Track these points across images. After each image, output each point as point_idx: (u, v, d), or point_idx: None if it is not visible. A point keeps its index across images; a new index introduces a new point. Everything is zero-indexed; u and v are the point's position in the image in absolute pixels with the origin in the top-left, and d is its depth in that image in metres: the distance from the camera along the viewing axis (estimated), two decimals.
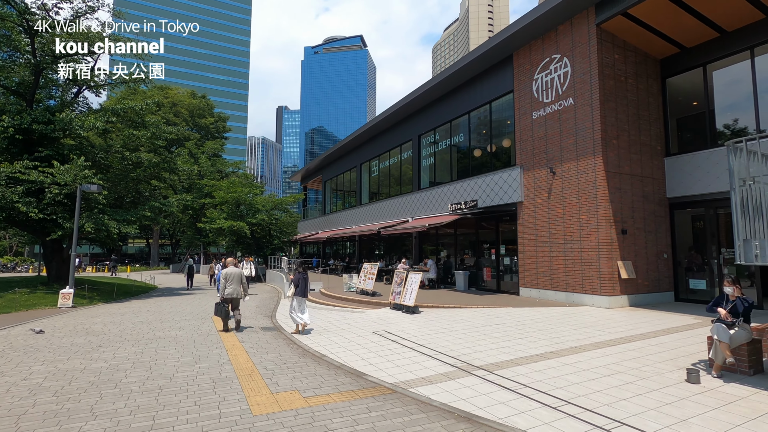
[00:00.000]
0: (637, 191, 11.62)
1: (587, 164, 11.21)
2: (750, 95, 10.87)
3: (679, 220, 12.52)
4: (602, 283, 10.66)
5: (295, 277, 8.80)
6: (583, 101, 11.42)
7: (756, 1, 10.01)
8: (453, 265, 17.18)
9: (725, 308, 5.43)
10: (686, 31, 11.43)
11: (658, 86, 12.73)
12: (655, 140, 12.38)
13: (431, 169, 18.99)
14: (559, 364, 5.87)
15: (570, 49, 11.92)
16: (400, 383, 5.26)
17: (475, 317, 9.74)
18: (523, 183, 13.23)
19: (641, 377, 5.27)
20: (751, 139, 4.85)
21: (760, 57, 10.85)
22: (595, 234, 10.92)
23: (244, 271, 16.54)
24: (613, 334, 7.74)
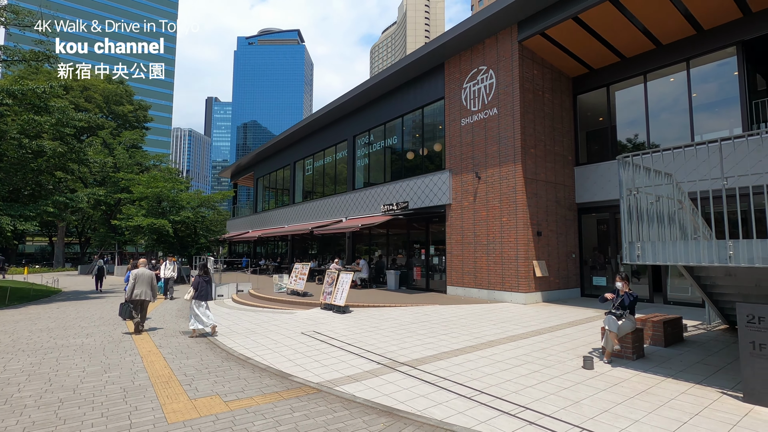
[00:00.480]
0: (551, 197, 12.73)
1: (509, 170, 12.06)
2: (644, 114, 12.41)
3: (586, 223, 13.92)
4: (519, 281, 11.53)
5: (195, 281, 8.46)
6: (506, 112, 12.26)
7: (648, 33, 11.45)
8: (385, 264, 17.52)
9: (615, 302, 6.18)
10: (593, 54, 12.75)
11: (571, 102, 14.05)
12: (567, 151, 13.65)
13: (366, 170, 19.20)
14: (477, 357, 6.28)
15: (495, 62, 12.73)
16: (325, 382, 5.31)
17: (404, 315, 10.06)
18: (452, 186, 13.88)
19: (546, 366, 5.82)
20: (636, 155, 5.59)
21: (651, 82, 12.43)
22: (514, 235, 11.78)
23: (167, 272, 15.64)
24: (527, 328, 8.43)
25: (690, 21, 10.82)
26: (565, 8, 10.91)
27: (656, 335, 6.86)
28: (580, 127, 14.24)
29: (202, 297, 8.40)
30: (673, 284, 11.77)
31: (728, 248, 4.58)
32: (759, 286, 6.36)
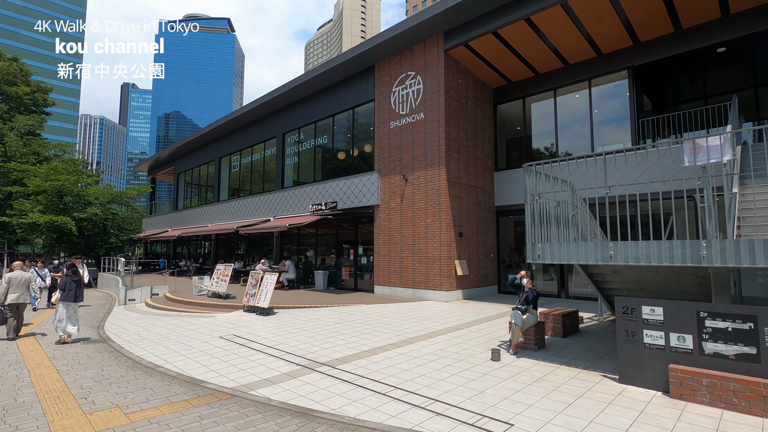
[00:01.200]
0: (473, 200, 13.48)
1: (434, 174, 12.56)
2: (554, 126, 13.61)
3: (504, 224, 14.94)
4: (442, 280, 12.07)
5: (62, 281, 8.01)
6: (432, 117, 12.76)
7: (557, 53, 12.58)
8: (313, 265, 17.35)
9: (521, 298, 6.74)
10: (512, 68, 13.72)
11: (491, 111, 14.98)
12: (488, 156, 14.54)
13: (295, 168, 18.85)
14: (396, 355, 6.49)
15: (423, 69, 13.19)
16: (240, 387, 5.16)
17: (329, 315, 10.06)
18: (380, 187, 14.13)
19: (459, 359, 6.18)
20: (539, 164, 6.15)
21: (560, 97, 13.67)
22: (438, 236, 12.30)
23: (42, 275, 13.72)
24: (446, 324, 8.86)
25: (591, 45, 12.08)
26: (486, 23, 11.64)
27: (556, 327, 7.58)
28: (500, 135, 15.24)
29: (69, 298, 7.90)
30: (577, 281, 13.05)
31: (609, 249, 5.21)
32: (638, 281, 7.29)
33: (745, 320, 4.24)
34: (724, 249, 4.42)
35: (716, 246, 4.45)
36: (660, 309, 4.76)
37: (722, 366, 4.33)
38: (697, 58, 12.08)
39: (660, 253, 4.87)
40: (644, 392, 4.74)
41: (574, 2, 10.36)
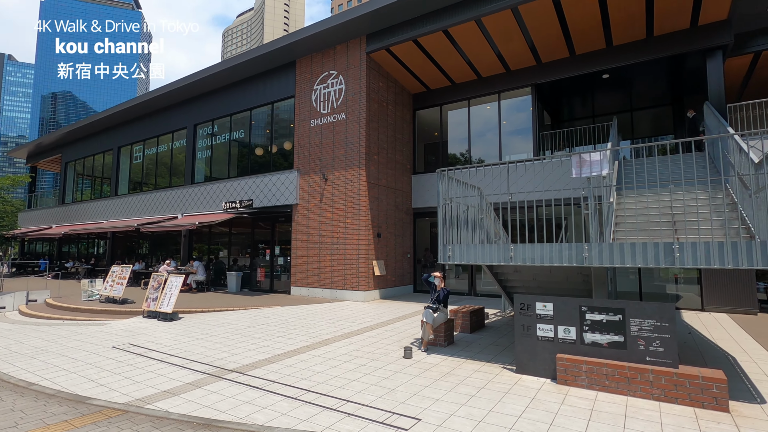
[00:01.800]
0: (391, 201, 13.80)
1: (353, 174, 12.62)
2: (467, 134, 14.47)
3: (420, 226, 15.51)
4: (360, 280, 12.17)
5: None
6: (353, 118, 12.81)
7: (472, 65, 13.41)
8: (225, 265, 16.42)
9: (432, 297, 7.05)
10: (430, 76, 14.31)
11: (411, 116, 15.48)
12: (406, 160, 14.99)
13: (208, 163, 17.68)
14: (310, 357, 6.40)
15: (345, 69, 13.19)
16: (135, 401, 4.70)
17: (241, 319, 9.60)
18: (299, 186, 13.84)
19: (373, 359, 6.28)
20: (451, 170, 6.50)
21: (474, 107, 14.58)
22: (357, 236, 12.38)
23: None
24: (362, 324, 8.95)
25: (501, 61, 13.06)
26: (407, 30, 12.00)
27: (464, 323, 8.07)
28: (419, 140, 15.81)
29: None
30: (484, 279, 14.00)
31: (510, 250, 5.68)
32: (535, 279, 8.04)
33: (615, 313, 4.89)
34: (601, 251, 5.06)
35: (595, 248, 5.08)
36: (551, 305, 5.31)
37: (598, 353, 4.95)
38: (587, 82, 13.67)
39: (552, 255, 5.43)
40: (536, 380, 5.24)
41: (486, 20, 11.12)
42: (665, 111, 15.39)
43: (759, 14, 10.67)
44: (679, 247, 4.63)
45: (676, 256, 4.63)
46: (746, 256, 4.29)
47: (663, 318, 4.63)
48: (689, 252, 4.57)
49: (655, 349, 4.63)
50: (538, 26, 11.21)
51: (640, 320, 4.74)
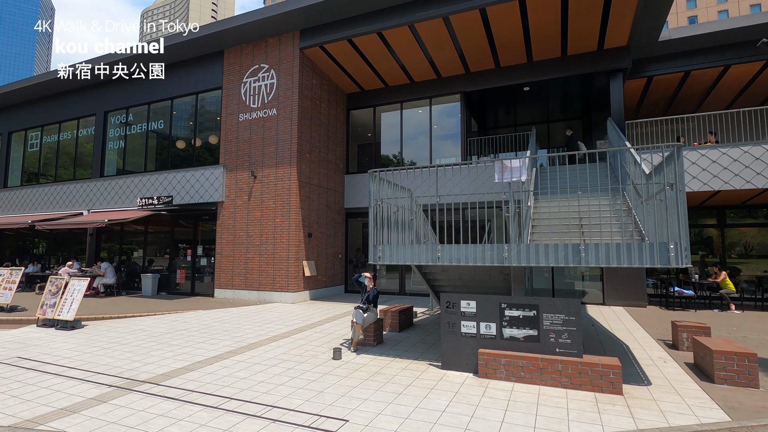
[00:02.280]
0: (323, 201, 13.64)
1: (284, 172, 12.27)
2: (400, 136, 14.75)
3: (353, 226, 15.51)
4: (289, 281, 11.86)
5: None
6: (285, 114, 12.46)
7: (405, 70, 13.69)
8: (139, 267, 15.11)
9: (362, 296, 7.08)
10: (364, 77, 14.36)
11: (344, 115, 15.43)
12: (339, 159, 14.91)
13: (121, 155, 16.12)
14: (234, 363, 6.09)
15: (277, 63, 12.78)
16: (23, 423, 4.13)
17: (157, 325, 8.87)
18: (226, 183, 13.15)
19: (301, 362, 6.14)
20: (382, 171, 6.58)
21: (406, 110, 14.90)
22: (287, 236, 12.05)
23: None
24: (291, 327, 8.72)
25: (433, 67, 13.50)
26: (341, 29, 11.94)
27: (393, 323, 8.21)
28: (352, 140, 15.80)
29: None
30: (414, 279, 14.36)
31: (438, 251, 5.88)
32: (461, 278, 8.41)
33: (531, 309, 5.28)
34: (519, 252, 5.43)
35: (514, 249, 5.44)
36: (474, 303, 5.58)
37: (515, 347, 5.30)
38: (510, 93, 14.62)
39: (475, 255, 5.71)
40: (460, 375, 5.48)
41: (419, 26, 11.42)
42: (577, 124, 16.95)
43: (651, 44, 12.17)
44: (585, 248, 5.11)
45: (582, 256, 5.10)
46: (638, 256, 4.85)
47: (570, 313, 5.09)
48: (593, 252, 5.07)
49: (564, 341, 5.07)
50: (468, 37, 11.75)
51: (551, 315, 5.16)
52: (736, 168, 10.18)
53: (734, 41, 11.96)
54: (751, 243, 13.60)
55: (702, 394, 4.80)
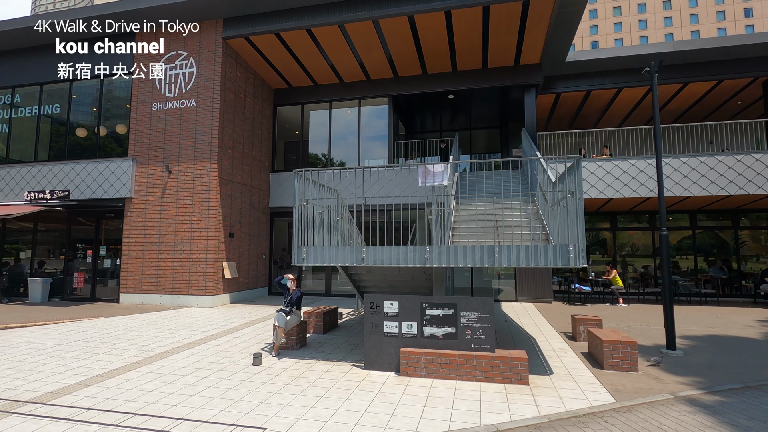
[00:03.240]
0: (246, 199, 13.05)
1: (204, 168, 11.54)
2: (328, 135, 14.61)
3: (278, 225, 15.05)
4: (207, 284, 11.17)
5: None
6: (205, 107, 11.72)
7: (335, 70, 13.61)
8: (25, 270, 13.24)
9: (285, 299, 6.90)
10: (293, 74, 14.01)
11: (271, 111, 14.92)
12: (265, 157, 14.38)
13: (4, 141, 13.99)
14: (140, 374, 5.58)
15: (198, 52, 11.98)
16: None
17: (46, 336, 7.84)
18: (135, 177, 12.03)
19: (217, 369, 5.81)
20: (308, 171, 6.47)
21: (335, 109, 14.81)
22: (205, 236, 11.34)
23: None
24: (207, 332, 8.22)
25: (363, 69, 13.58)
26: (269, 22, 11.53)
27: (318, 324, 8.11)
28: (279, 137, 15.33)
29: None
30: (340, 280, 14.30)
31: (362, 252, 5.92)
32: (386, 279, 8.55)
33: (449, 307, 5.53)
34: (440, 253, 5.66)
35: (435, 251, 5.66)
36: (396, 303, 5.71)
37: (434, 345, 5.52)
38: (436, 99, 15.20)
39: (399, 256, 5.85)
40: (382, 374, 5.56)
41: (349, 27, 11.42)
42: (496, 132, 18.13)
43: (560, 64, 13.42)
44: (499, 249, 5.48)
45: (497, 257, 5.46)
46: (543, 257, 5.31)
47: (485, 310, 5.42)
48: (505, 254, 5.44)
49: (479, 337, 5.38)
50: (396, 42, 11.99)
51: (468, 313, 5.45)
52: (625, 179, 11.59)
53: (626, 67, 13.61)
54: (637, 244, 15.58)
55: (594, 379, 5.39)
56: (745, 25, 64.06)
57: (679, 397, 4.82)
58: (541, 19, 10.64)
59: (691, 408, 4.52)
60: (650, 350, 6.87)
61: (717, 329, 8.70)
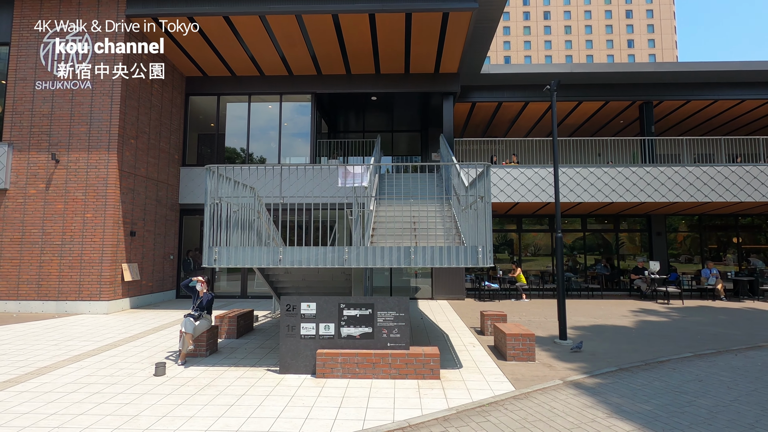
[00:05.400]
0: (152, 194, 11.96)
1: (100, 159, 10.35)
2: (247, 130, 13.95)
3: (188, 224, 14.01)
4: (102, 288, 10.04)
5: None
6: (104, 90, 10.52)
7: (255, 61, 13.03)
8: None
9: (194, 303, 6.46)
10: (208, 62, 13.14)
11: (182, 100, 13.85)
12: (174, 149, 13.31)
13: None
14: (12, 395, 4.83)
15: (95, 27, 10.70)
16: None
17: None
18: (12, 166, 10.40)
19: (112, 383, 5.24)
20: (222, 166, 6.12)
21: (255, 103, 14.19)
22: (100, 235, 10.17)
23: None
24: (101, 342, 7.39)
25: (285, 64, 13.19)
26: (181, 3, 10.68)
27: (231, 329, 7.71)
28: (191, 128, 14.29)
29: None
30: (257, 281, 13.74)
31: (279, 253, 5.76)
32: (305, 280, 8.41)
33: (367, 308, 5.60)
34: (359, 254, 5.71)
35: (354, 251, 5.69)
36: (314, 304, 5.64)
37: (351, 345, 5.55)
38: (360, 100, 15.29)
39: (317, 257, 5.78)
40: (298, 378, 5.46)
41: (271, 19, 11.01)
42: (417, 136, 18.74)
43: (475, 75, 14.30)
44: (415, 250, 5.68)
45: (413, 258, 5.66)
46: (455, 257, 5.62)
47: (401, 309, 5.58)
48: (421, 254, 5.66)
49: (395, 336, 5.53)
50: (320, 39, 11.84)
51: (384, 312, 5.57)
52: (529, 185, 12.71)
53: (532, 83, 14.92)
54: (539, 244, 17.16)
55: (497, 371, 5.83)
56: (628, 54, 74.04)
57: (567, 382, 5.41)
58: (460, 31, 11.24)
59: (576, 391, 5.10)
60: (546, 341, 7.61)
61: (600, 320, 9.92)
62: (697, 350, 7.02)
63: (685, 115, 16.60)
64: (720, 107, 15.77)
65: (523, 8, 76.50)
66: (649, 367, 6.09)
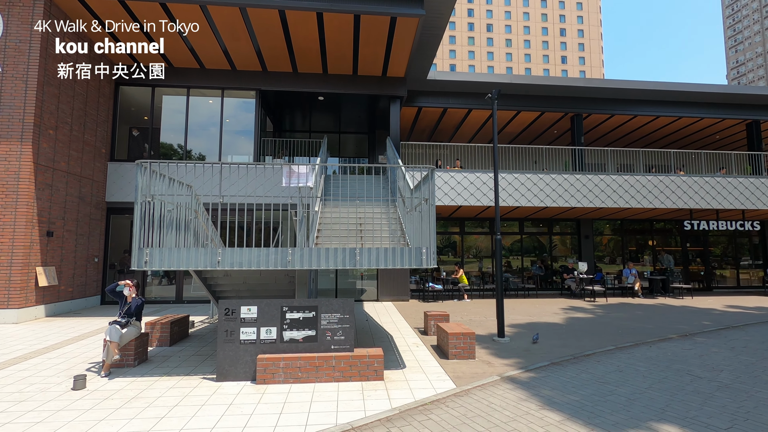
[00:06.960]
0: (73, 191, 10.92)
1: (11, 150, 9.27)
2: (185, 124, 13.18)
3: (117, 224, 12.95)
4: (11, 294, 8.98)
5: None
6: (17, 74, 9.45)
7: (194, 52, 12.36)
8: None
9: (122, 309, 5.97)
10: (141, 50, 12.22)
11: (112, 90, 12.82)
12: (101, 142, 12.26)
13: None
14: None
15: (7, 4, 9.59)
16: None
17: None
18: None
19: (21, 400, 4.69)
20: (155, 162, 5.71)
21: (194, 97, 13.46)
22: (10, 235, 9.10)
23: None
24: (9, 355, 6.60)
25: (227, 57, 12.63)
26: None
27: (163, 336, 7.21)
28: (122, 121, 13.25)
29: None
30: (195, 284, 12.99)
31: (218, 255, 5.48)
32: (246, 282, 8.08)
33: (310, 310, 5.49)
34: (303, 255, 5.58)
35: (298, 253, 5.56)
36: (255, 308, 5.43)
37: (294, 349, 5.41)
38: (306, 99, 15.01)
39: (259, 259, 5.58)
40: (237, 385, 5.22)
41: (213, 9, 10.49)
42: (364, 138, 18.76)
43: (422, 80, 14.60)
44: (360, 251, 5.66)
45: (358, 259, 5.63)
46: (400, 258, 5.68)
47: (345, 311, 5.53)
48: (366, 256, 5.65)
49: (339, 338, 5.47)
50: (266, 35, 11.47)
51: (328, 315, 5.49)
52: (472, 189, 13.18)
53: (475, 91, 15.51)
54: (480, 247, 17.85)
55: (440, 369, 5.96)
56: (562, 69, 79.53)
57: (504, 377, 5.65)
58: (407, 36, 11.41)
59: (512, 386, 5.34)
60: (486, 339, 7.91)
61: (534, 317, 10.50)
62: (618, 343, 7.65)
63: (610, 128, 18.11)
64: (639, 122, 17.38)
65: (468, 19, 79.56)
66: (577, 361, 6.54)
